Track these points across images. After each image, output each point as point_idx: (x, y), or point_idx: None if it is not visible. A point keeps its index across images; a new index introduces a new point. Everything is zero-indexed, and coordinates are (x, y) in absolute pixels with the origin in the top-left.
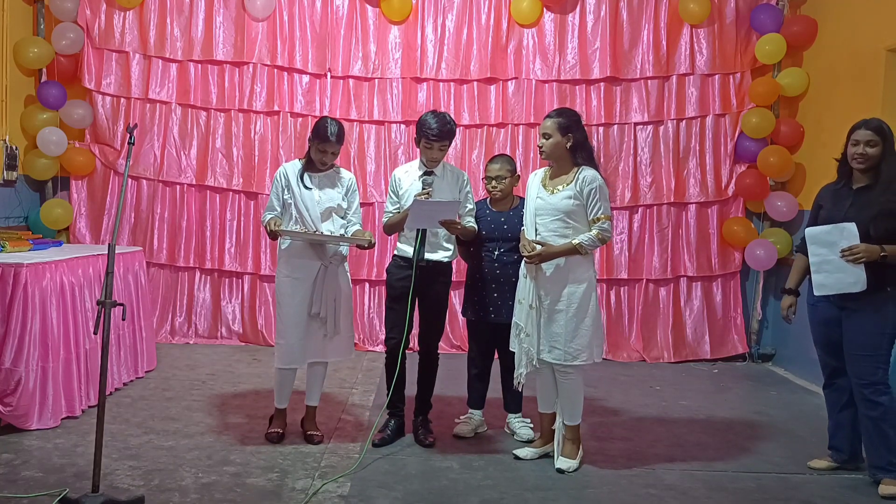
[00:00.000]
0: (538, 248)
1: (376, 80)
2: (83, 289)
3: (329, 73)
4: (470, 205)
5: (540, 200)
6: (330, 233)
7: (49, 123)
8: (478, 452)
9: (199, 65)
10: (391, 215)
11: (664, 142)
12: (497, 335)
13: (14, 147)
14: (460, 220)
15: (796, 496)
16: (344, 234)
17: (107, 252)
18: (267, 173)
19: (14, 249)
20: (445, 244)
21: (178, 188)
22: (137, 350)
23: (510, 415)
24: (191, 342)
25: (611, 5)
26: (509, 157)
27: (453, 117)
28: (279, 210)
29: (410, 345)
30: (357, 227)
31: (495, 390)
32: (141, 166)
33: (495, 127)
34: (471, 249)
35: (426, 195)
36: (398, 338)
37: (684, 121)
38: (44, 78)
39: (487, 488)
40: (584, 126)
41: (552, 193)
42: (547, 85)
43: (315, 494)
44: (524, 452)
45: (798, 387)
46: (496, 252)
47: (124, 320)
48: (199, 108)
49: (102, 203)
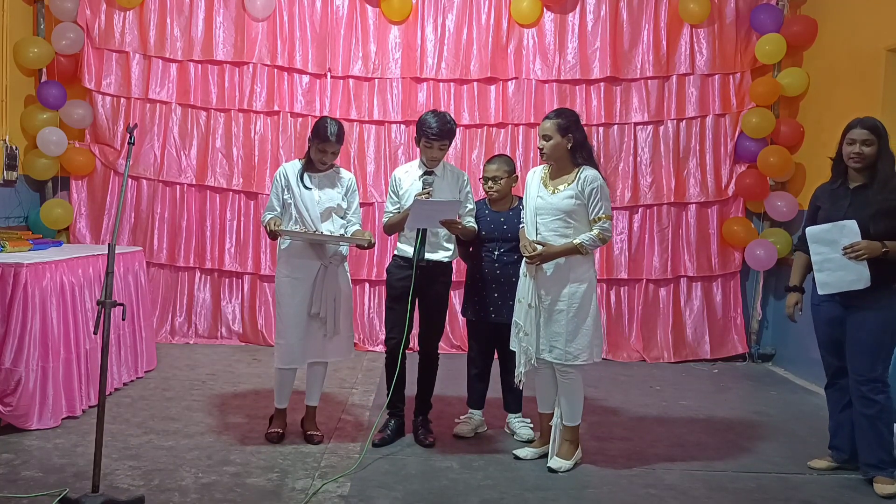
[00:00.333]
0: (539, 249)
1: (376, 80)
2: (83, 289)
3: (329, 73)
4: (470, 205)
5: (540, 200)
6: (330, 233)
7: (49, 123)
8: (478, 452)
9: (199, 65)
10: (391, 215)
11: (664, 142)
12: (497, 335)
13: (14, 147)
14: (460, 220)
15: (796, 496)
16: (344, 234)
17: (107, 252)
18: (267, 173)
19: (14, 249)
20: (446, 244)
21: (178, 188)
22: (137, 350)
23: (510, 415)
24: (191, 342)
25: (611, 5)
26: (508, 158)
27: (453, 117)
28: (279, 210)
29: (410, 345)
30: (357, 227)
31: (495, 390)
32: (141, 166)
33: (495, 127)
34: (470, 249)
35: (427, 195)
36: (398, 338)
37: (684, 121)
38: (44, 78)
39: (487, 488)
40: (584, 126)
41: (553, 193)
42: (547, 85)
43: (315, 494)
44: (524, 452)
45: (798, 387)
46: (496, 252)
47: (124, 320)
48: (199, 108)
49: (102, 203)
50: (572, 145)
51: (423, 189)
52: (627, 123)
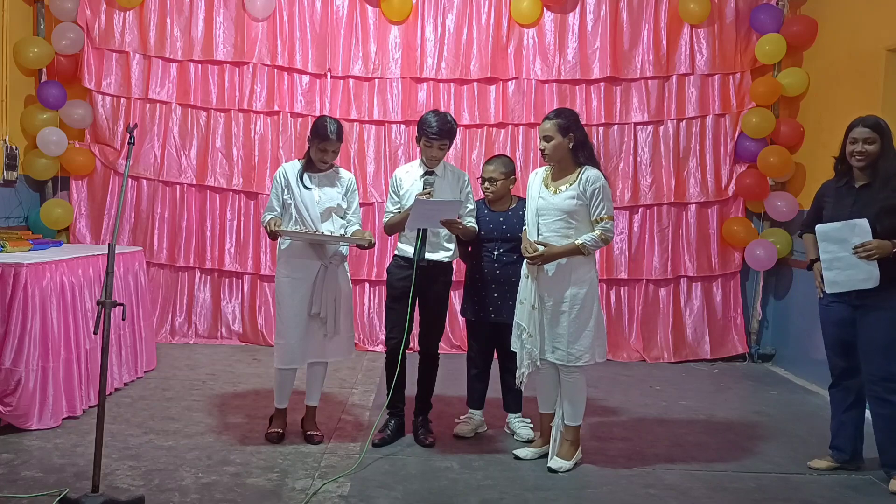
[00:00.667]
0: (540, 250)
1: (376, 80)
2: (83, 289)
3: (329, 73)
4: (471, 205)
5: (542, 200)
6: (330, 233)
7: (49, 123)
8: (478, 452)
9: (199, 65)
10: (392, 215)
11: (664, 142)
12: (497, 335)
13: (14, 147)
14: (461, 220)
15: (796, 496)
16: (344, 234)
17: (107, 252)
18: (267, 173)
19: (14, 249)
20: (446, 244)
21: (178, 188)
22: (137, 350)
23: (510, 415)
24: (191, 342)
25: (611, 5)
26: (507, 160)
27: (454, 117)
28: (279, 210)
29: (410, 345)
30: (357, 227)
31: (495, 390)
32: (141, 166)
33: (495, 127)
34: (469, 249)
35: (428, 195)
36: (398, 338)
37: (684, 121)
38: (44, 78)
39: (487, 488)
40: (583, 126)
41: (555, 193)
42: (547, 85)
43: (315, 494)
44: (524, 452)
45: (798, 387)
46: (496, 252)
47: (124, 320)
48: (199, 108)
49: (102, 203)
50: (574, 145)
51: (424, 189)
52: (627, 123)
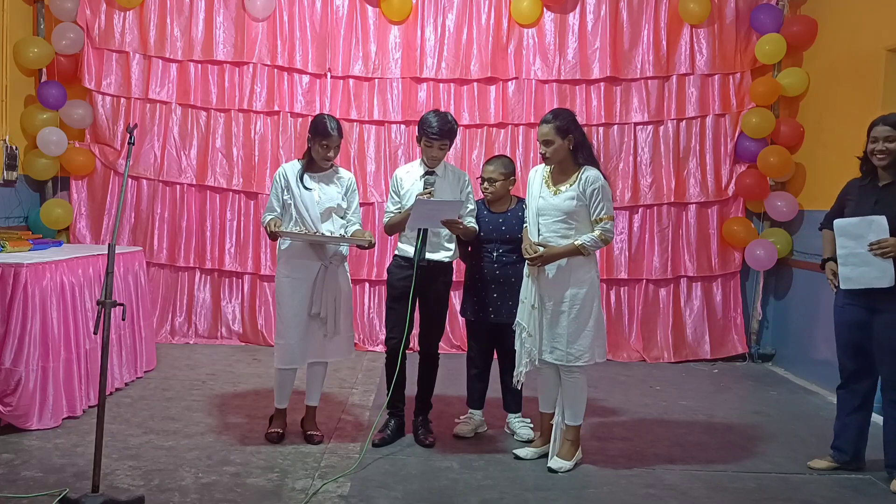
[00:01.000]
0: (540, 250)
1: (376, 80)
2: (83, 289)
3: (329, 73)
4: (471, 205)
5: (542, 200)
6: (330, 233)
7: (49, 123)
8: (478, 452)
9: (199, 65)
10: (392, 215)
11: (664, 142)
12: (496, 335)
13: (14, 147)
14: (461, 220)
15: (796, 496)
16: (344, 235)
17: (107, 252)
18: (267, 173)
19: (14, 249)
20: (447, 244)
21: (178, 188)
22: (137, 350)
23: (510, 415)
24: (191, 342)
25: (611, 5)
26: (507, 160)
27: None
28: (279, 211)
29: (411, 345)
30: (357, 227)
31: (495, 390)
32: (141, 166)
33: (495, 127)
34: (468, 249)
35: (428, 195)
36: (398, 338)
37: (684, 121)
38: (44, 78)
39: (487, 488)
40: (583, 126)
41: (555, 194)
42: (547, 85)
43: (315, 494)
44: (524, 452)
45: (798, 387)
46: (495, 252)
47: (124, 320)
48: (199, 108)
49: (102, 203)
50: (573, 146)
51: (425, 189)
52: (627, 123)
